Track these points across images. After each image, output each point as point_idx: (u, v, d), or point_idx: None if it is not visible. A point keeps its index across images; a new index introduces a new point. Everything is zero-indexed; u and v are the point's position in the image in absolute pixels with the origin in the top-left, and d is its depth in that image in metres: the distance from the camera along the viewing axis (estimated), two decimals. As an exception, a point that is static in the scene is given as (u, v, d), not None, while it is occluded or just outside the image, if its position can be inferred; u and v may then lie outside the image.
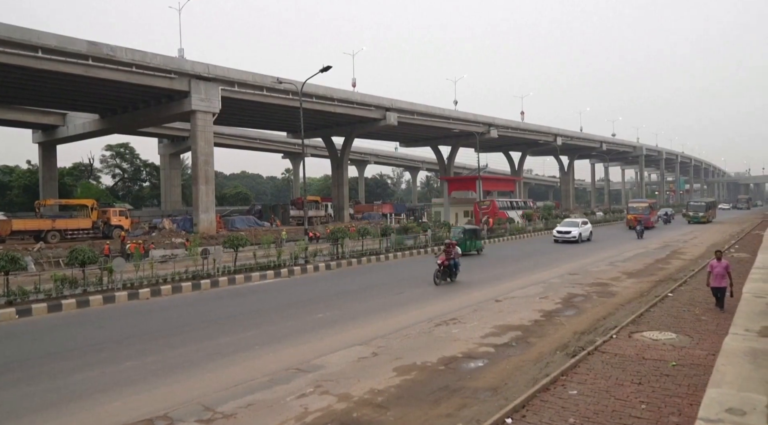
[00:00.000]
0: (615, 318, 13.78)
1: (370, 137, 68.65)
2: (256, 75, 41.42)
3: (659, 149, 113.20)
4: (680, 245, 33.23)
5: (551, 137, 75.30)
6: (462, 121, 60.16)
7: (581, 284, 19.15)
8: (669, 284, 18.22)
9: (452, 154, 70.06)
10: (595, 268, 23.42)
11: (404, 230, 34.28)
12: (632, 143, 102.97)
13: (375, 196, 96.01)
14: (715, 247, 30.27)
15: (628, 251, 30.10)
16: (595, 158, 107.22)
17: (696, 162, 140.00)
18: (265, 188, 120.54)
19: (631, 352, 10.39)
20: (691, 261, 25.09)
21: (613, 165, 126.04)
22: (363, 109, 49.79)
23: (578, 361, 9.79)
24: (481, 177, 56.66)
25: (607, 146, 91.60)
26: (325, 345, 11.73)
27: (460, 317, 14.10)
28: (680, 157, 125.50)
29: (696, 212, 58.49)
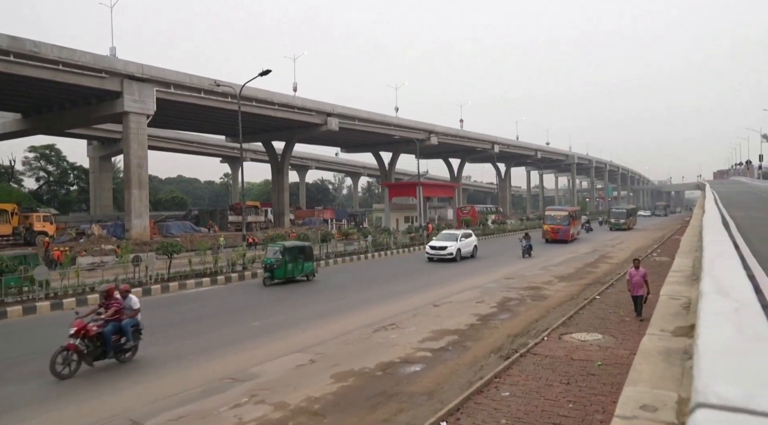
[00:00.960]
0: (547, 321, 14.29)
1: (312, 142, 68.23)
2: (194, 77, 40.33)
3: (590, 158, 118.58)
4: (608, 249, 34.87)
5: (489, 144, 77.35)
6: (403, 127, 60.85)
7: (516, 288, 19.73)
8: (597, 288, 19.08)
9: (393, 160, 70.68)
10: (530, 272, 24.21)
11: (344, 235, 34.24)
12: (565, 152, 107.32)
13: (316, 201, 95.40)
14: (639, 251, 31.99)
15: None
16: (531, 166, 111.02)
17: (623, 170, 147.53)
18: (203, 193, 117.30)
19: (561, 353, 10.81)
20: (617, 265, 26.37)
21: (548, 173, 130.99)
22: (304, 114, 49.44)
23: (511, 363, 10.09)
24: (422, 183, 57.44)
25: (542, 154, 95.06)
26: (262, 353, 11.53)
27: (398, 323, 14.21)
28: (609, 165, 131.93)
29: (618, 219, 58.02)
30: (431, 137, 64.67)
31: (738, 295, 2.74)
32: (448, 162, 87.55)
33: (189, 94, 40.32)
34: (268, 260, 21.46)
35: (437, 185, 79.84)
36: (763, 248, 13.00)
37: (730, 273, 3.54)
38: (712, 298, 2.75)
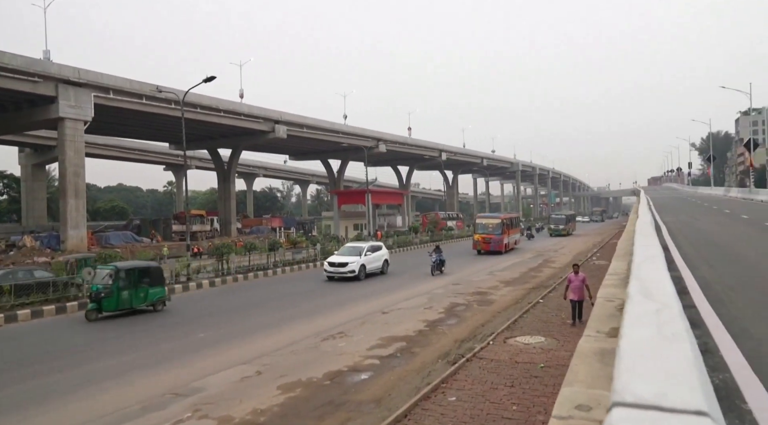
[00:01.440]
0: (492, 325, 14.58)
1: (259, 150, 67.24)
2: (134, 82, 39.04)
3: (533, 165, 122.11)
4: (551, 254, 35.95)
5: (437, 152, 78.42)
6: (351, 135, 60.90)
7: (463, 294, 20.04)
8: (540, 291, 19.62)
9: (342, 168, 70.59)
10: (477, 277, 24.63)
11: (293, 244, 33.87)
12: (510, 159, 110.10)
13: (264, 209, 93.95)
14: (580, 255, 33.16)
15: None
16: (477, 173, 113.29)
17: (565, 178, 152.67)
18: (146, 202, 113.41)
19: (506, 357, 11.05)
20: (560, 269, 27.21)
21: (493, 180, 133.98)
22: (251, 121, 48.71)
23: (458, 368, 10.22)
24: (371, 191, 57.58)
25: (488, 161, 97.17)
26: (206, 366, 11.23)
27: (347, 331, 14.16)
28: (551, 173, 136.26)
29: (557, 225, 57.86)
30: (380, 145, 64.99)
31: (660, 297, 2.89)
32: (397, 170, 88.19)
33: (129, 99, 38.98)
34: (94, 288, 16.67)
35: (386, 192, 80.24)
36: (690, 250, 13.74)
37: (655, 276, 3.73)
38: (637, 300, 2.88)
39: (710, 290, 8.32)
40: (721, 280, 9.34)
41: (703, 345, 5.39)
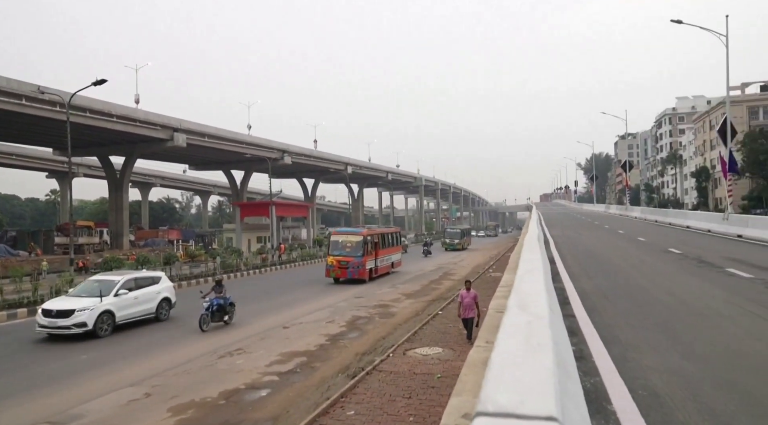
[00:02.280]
0: (393, 337, 14.78)
1: (156, 158, 63.92)
2: (12, 81, 35.76)
3: (436, 180, 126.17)
4: (451, 267, 37.20)
5: (342, 165, 78.77)
6: (256, 146, 59.65)
7: (366, 307, 20.17)
8: (440, 303, 20.20)
9: (245, 179, 68.83)
10: (380, 290, 24.92)
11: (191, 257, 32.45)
12: (414, 174, 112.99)
13: (161, 221, 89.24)
14: (479, 267, 34.59)
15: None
16: (382, 187, 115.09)
17: (465, 193, 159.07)
18: (24, 212, 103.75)
19: (405, 368, 11.23)
20: (459, 281, 28.18)
21: (398, 194, 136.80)
22: (147, 128, 46.25)
23: (357, 382, 10.25)
24: (275, 203, 56.64)
25: (393, 176, 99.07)
26: (88, 389, 10.41)
27: (245, 347, 13.75)
28: (453, 188, 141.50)
29: (452, 239, 57.10)
30: (285, 157, 64.19)
31: (534, 309, 3.11)
32: (302, 182, 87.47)
33: (6, 100, 35.60)
34: None
35: (291, 204, 79.27)
36: (573, 262, 14.82)
37: (532, 289, 4.00)
38: (514, 312, 3.08)
39: (588, 299, 9.02)
40: (598, 290, 10.15)
41: (579, 351, 5.84)
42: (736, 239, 20.60)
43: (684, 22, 26.59)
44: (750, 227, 21.05)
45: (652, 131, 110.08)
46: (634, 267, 13.79)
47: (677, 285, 10.60)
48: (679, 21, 26.58)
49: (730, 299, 8.76)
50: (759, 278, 10.86)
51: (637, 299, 9.24)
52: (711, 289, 9.91)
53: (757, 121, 63.65)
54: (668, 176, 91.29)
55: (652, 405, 4.18)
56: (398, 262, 34.32)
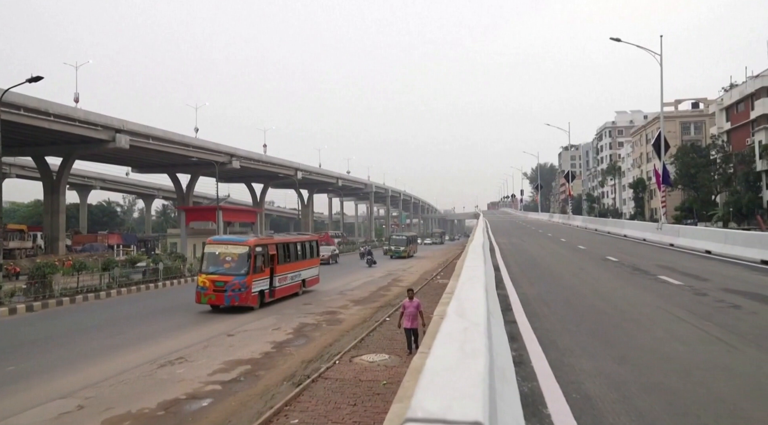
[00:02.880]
0: (340, 344, 14.73)
1: (97, 160, 61.37)
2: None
3: (386, 187, 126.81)
4: (400, 273, 37.43)
5: (292, 171, 78.04)
6: (203, 149, 58.27)
7: (313, 314, 20.01)
8: (387, 310, 20.29)
9: (191, 183, 67.09)
10: (327, 297, 24.78)
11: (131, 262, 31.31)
12: (364, 181, 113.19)
13: (101, 225, 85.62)
14: (427, 274, 34.95)
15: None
16: (332, 193, 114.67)
17: (415, 200, 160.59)
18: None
19: (350, 376, 11.21)
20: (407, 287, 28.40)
21: (348, 200, 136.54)
22: (87, 128, 44.38)
23: (302, 390, 10.15)
24: (222, 208, 55.44)
25: (343, 182, 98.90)
26: (14, 402, 9.85)
27: (187, 356, 13.37)
28: (403, 195, 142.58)
29: (397, 247, 55.22)
30: (233, 161, 63.02)
31: (472, 316, 3.17)
32: (251, 187, 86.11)
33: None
34: None
35: (239, 209, 77.75)
36: (517, 269, 15.22)
37: (472, 296, 4.08)
38: (452, 319, 3.13)
39: (529, 306, 9.29)
40: (539, 297, 10.46)
41: (519, 356, 6.00)
42: (668, 248, 21.68)
43: (622, 41, 27.89)
44: (681, 237, 22.21)
45: (594, 143, 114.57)
46: (574, 275, 14.29)
47: (613, 292, 11.06)
48: (618, 39, 27.86)
49: (661, 305, 9.21)
50: (687, 285, 11.47)
51: (575, 306, 9.57)
52: (644, 296, 10.39)
53: (688, 136, 67.36)
54: (608, 186, 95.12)
55: (585, 408, 4.34)
56: (313, 279, 26.94)
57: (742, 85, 51.47)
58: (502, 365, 4.45)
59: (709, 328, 7.34)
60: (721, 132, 54.98)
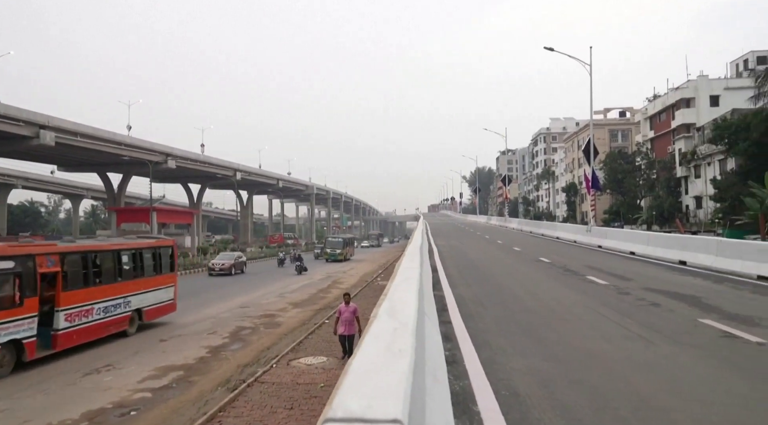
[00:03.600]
0: (278, 348, 14.51)
1: (19, 157, 57.74)
2: None
3: (327, 189, 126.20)
4: (340, 276, 37.32)
5: (231, 171, 76.30)
6: (136, 148, 55.98)
7: (251, 317, 19.63)
8: (327, 312, 20.18)
9: (123, 182, 64.29)
10: (265, 300, 24.37)
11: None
12: (305, 182, 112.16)
13: (23, 226, 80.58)
14: (367, 276, 35.02)
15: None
16: (273, 194, 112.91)
17: (356, 202, 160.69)
18: None
19: (288, 379, 11.06)
20: (347, 289, 28.35)
21: (289, 201, 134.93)
22: (8, 123, 41.71)
23: (237, 395, 9.93)
24: (156, 209, 53.56)
25: (284, 183, 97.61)
26: None
27: (115, 363, 12.80)
28: (344, 197, 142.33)
29: (333, 249, 52.80)
30: (168, 161, 60.89)
31: (401, 317, 3.21)
32: (188, 187, 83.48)
33: None
34: None
35: (174, 210, 75.33)
36: (455, 271, 15.51)
37: (405, 297, 4.13)
38: (383, 319, 3.16)
39: (465, 306, 9.49)
40: (475, 297, 10.70)
41: (452, 356, 6.12)
42: (597, 249, 22.70)
43: (555, 50, 29.03)
44: (608, 239, 23.31)
45: (529, 148, 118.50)
46: (509, 275, 14.71)
47: (545, 292, 11.46)
48: (551, 49, 28.98)
49: (588, 304, 9.63)
50: (612, 284, 12.05)
51: (508, 306, 9.86)
52: (573, 295, 10.83)
53: (616, 143, 70.89)
54: (543, 190, 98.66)
55: (513, 405, 4.48)
56: (161, 306, 18.36)
57: (664, 96, 54.67)
58: (434, 364, 4.52)
59: (630, 325, 7.74)
60: (645, 140, 58.14)
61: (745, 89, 39.44)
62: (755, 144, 34.53)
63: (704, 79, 50.57)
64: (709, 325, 7.58)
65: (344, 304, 12.16)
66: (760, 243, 15.77)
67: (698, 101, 49.02)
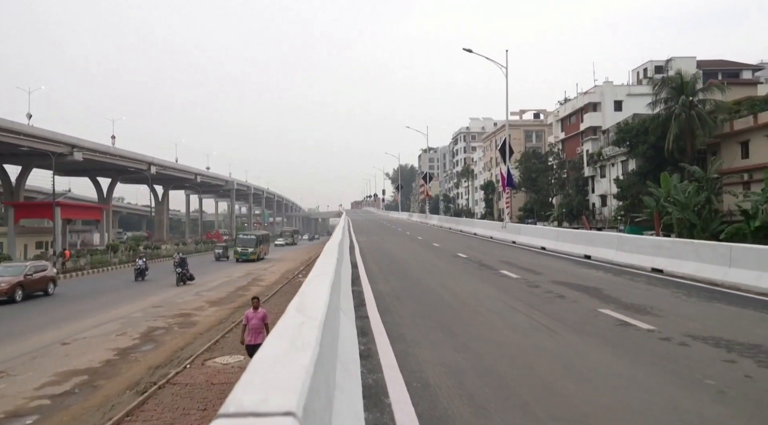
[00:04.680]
0: (193, 347, 14.05)
1: None
2: None
3: (248, 185, 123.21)
4: (260, 273, 36.61)
5: (145, 165, 72.69)
6: (37, 138, 51.94)
7: (164, 317, 18.86)
8: (245, 310, 19.73)
9: (23, 175, 59.52)
10: (181, 299, 23.47)
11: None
12: (225, 177, 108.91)
13: None
14: (289, 273, 34.58)
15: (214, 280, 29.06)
16: (190, 190, 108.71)
17: (278, 198, 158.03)
18: None
19: (202, 379, 10.74)
20: (267, 287, 27.87)
21: (208, 197, 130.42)
22: None
23: (147, 398, 9.52)
24: (60, 204, 50.11)
25: (202, 178, 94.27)
26: None
27: (10, 369, 11.88)
28: (266, 193, 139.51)
29: (245, 248, 47.91)
30: (75, 153, 57.01)
31: (310, 311, 3.20)
32: (97, 181, 78.66)
33: None
34: None
35: (81, 206, 70.89)
36: (375, 266, 15.65)
37: (316, 292, 4.12)
38: (291, 314, 3.13)
39: (383, 301, 9.60)
40: (393, 292, 10.85)
41: (367, 350, 6.18)
42: (511, 245, 23.68)
43: (474, 52, 29.94)
44: (522, 235, 24.39)
45: (450, 147, 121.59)
46: (427, 271, 15.03)
47: (460, 286, 11.82)
48: (470, 50, 29.85)
49: (500, 297, 10.04)
50: (523, 278, 12.63)
51: (425, 300, 10.08)
52: (486, 289, 11.24)
53: (531, 143, 74.25)
54: (462, 187, 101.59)
55: (423, 395, 4.59)
56: None
57: (573, 99, 57.88)
58: (346, 359, 4.55)
59: (537, 316, 8.15)
60: (557, 141, 61.31)
61: (644, 96, 42.58)
62: (652, 147, 37.37)
63: (609, 85, 54.02)
64: (607, 315, 8.13)
65: (252, 309, 10.96)
66: (654, 239, 17.11)
67: (604, 106, 52.31)
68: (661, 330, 7.04)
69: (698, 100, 35.25)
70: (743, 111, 34.84)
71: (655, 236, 23.12)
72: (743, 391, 4.70)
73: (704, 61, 51.21)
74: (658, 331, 6.98)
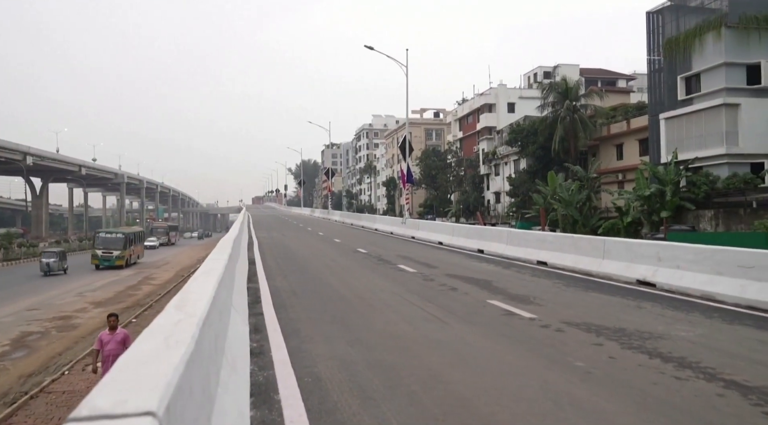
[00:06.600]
0: (73, 352, 13.08)
1: None
2: None
3: (140, 178, 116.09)
4: (152, 271, 34.71)
5: (19, 155, 66.28)
6: None
7: (40, 320, 17.36)
8: (135, 310, 18.67)
9: None
10: (60, 300, 21.71)
11: None
12: (114, 170, 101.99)
13: None
14: (184, 270, 33.02)
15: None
16: (74, 183, 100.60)
17: (174, 192, 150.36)
18: None
19: (83, 386, 10.03)
20: (160, 286, 26.50)
21: (94, 191, 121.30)
22: None
23: (16, 409, 8.72)
24: None
25: (87, 170, 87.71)
26: None
27: None
28: (160, 187, 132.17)
29: (108, 250, 36.74)
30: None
31: (190, 308, 3.09)
32: (-40, 172, 70.61)
33: None
34: None
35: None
36: (273, 263, 15.40)
37: (200, 289, 3.98)
38: (168, 312, 3.01)
39: (279, 297, 9.47)
40: (290, 288, 10.74)
41: (260, 347, 6.08)
42: (410, 240, 24.27)
43: (375, 49, 30.28)
44: (421, 230, 25.09)
45: (353, 143, 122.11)
46: (327, 266, 15.02)
47: (358, 281, 11.94)
48: (371, 47, 30.17)
49: (396, 291, 10.26)
50: (419, 272, 13.00)
51: (322, 295, 10.07)
52: (384, 283, 11.44)
53: (431, 141, 76.45)
54: (365, 184, 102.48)
55: (314, 390, 4.60)
56: None
57: (471, 100, 60.31)
58: (233, 356, 4.44)
59: (430, 309, 8.42)
60: (455, 139, 63.60)
61: (535, 99, 45.32)
62: (541, 147, 39.90)
63: (503, 88, 56.88)
64: (495, 305, 8.58)
65: (107, 331, 8.77)
66: (539, 233, 18.30)
67: (498, 107, 55.02)
68: (541, 318, 7.55)
69: (581, 105, 38.14)
70: (618, 117, 38.21)
71: (541, 231, 24.70)
72: (606, 371, 5.16)
73: (586, 69, 55.33)
74: (538, 319, 7.48)
